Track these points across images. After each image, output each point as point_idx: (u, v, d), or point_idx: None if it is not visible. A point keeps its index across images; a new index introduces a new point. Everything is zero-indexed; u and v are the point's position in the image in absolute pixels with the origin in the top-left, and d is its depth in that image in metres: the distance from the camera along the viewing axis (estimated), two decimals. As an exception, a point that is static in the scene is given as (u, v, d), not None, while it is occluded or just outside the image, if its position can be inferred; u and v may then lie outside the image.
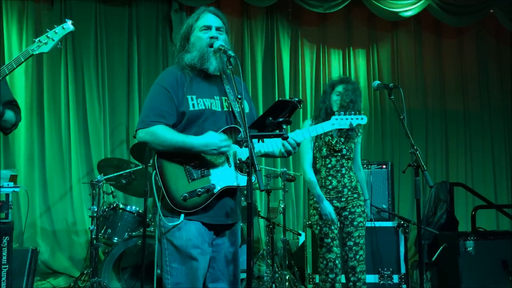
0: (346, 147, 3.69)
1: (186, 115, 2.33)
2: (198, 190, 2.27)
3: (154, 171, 2.31)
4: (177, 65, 2.43)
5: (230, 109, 2.42)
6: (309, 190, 3.79)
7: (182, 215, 2.28)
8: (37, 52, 2.65)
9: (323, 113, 3.72)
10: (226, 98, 2.43)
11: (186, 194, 2.25)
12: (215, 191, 2.30)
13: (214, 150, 2.27)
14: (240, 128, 2.35)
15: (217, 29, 2.42)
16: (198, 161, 2.32)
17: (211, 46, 2.36)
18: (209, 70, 2.37)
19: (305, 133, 2.45)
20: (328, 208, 3.60)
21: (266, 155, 2.53)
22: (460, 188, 6.31)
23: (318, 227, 3.69)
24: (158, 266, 2.43)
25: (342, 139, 3.69)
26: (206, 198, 2.29)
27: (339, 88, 3.68)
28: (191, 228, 2.30)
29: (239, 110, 2.32)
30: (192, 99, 2.34)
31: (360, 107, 3.72)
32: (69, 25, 2.64)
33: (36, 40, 2.64)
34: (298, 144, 2.39)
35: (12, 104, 2.99)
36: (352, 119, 2.58)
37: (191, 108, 2.32)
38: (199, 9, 2.47)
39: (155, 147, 2.31)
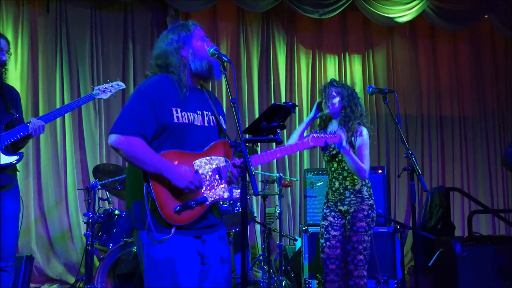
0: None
1: (170, 127, 2.28)
2: (191, 202, 2.24)
3: (146, 184, 2.21)
4: (166, 75, 2.37)
5: (212, 124, 2.41)
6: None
7: (174, 228, 2.22)
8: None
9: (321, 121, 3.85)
10: (208, 112, 2.42)
11: (179, 207, 2.22)
12: (207, 203, 2.30)
13: (187, 186, 2.21)
14: (229, 142, 2.36)
15: None
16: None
17: (212, 55, 2.36)
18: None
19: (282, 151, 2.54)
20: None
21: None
22: (456, 192, 6.32)
23: (319, 228, 3.78)
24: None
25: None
26: (199, 210, 2.27)
27: (325, 93, 3.74)
28: (173, 242, 2.23)
29: (221, 121, 2.38)
30: (176, 112, 2.29)
31: (355, 109, 3.71)
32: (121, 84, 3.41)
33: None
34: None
35: None
36: (326, 137, 2.70)
37: (175, 121, 2.28)
38: (188, 23, 2.47)
39: (125, 158, 2.24)
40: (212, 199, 2.31)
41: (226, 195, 2.35)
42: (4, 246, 2.96)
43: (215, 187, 2.32)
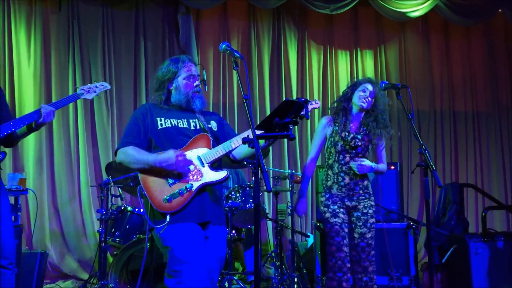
0: (363, 146, 3.63)
1: (156, 133, 2.72)
2: (178, 191, 2.57)
3: (139, 186, 2.63)
4: (151, 102, 2.85)
5: (198, 127, 2.76)
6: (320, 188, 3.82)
7: (168, 216, 2.56)
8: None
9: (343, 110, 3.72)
10: (195, 120, 2.78)
11: (168, 197, 2.55)
12: (193, 189, 2.59)
13: (172, 164, 2.56)
14: (208, 135, 2.71)
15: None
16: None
17: (194, 91, 2.77)
18: (196, 109, 2.80)
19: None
20: (303, 206, 3.72)
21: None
22: (470, 188, 6.26)
23: (329, 225, 3.61)
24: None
25: (360, 136, 3.65)
26: (187, 196, 2.58)
27: (367, 86, 3.65)
28: (177, 229, 2.55)
29: (210, 126, 2.77)
30: (160, 120, 2.74)
31: (385, 115, 3.69)
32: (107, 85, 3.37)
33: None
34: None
35: None
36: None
37: (159, 127, 2.72)
38: (181, 57, 2.85)
39: (128, 165, 2.68)
40: (198, 183, 2.61)
41: (209, 178, 2.62)
42: (4, 244, 2.90)
43: (198, 173, 2.63)
